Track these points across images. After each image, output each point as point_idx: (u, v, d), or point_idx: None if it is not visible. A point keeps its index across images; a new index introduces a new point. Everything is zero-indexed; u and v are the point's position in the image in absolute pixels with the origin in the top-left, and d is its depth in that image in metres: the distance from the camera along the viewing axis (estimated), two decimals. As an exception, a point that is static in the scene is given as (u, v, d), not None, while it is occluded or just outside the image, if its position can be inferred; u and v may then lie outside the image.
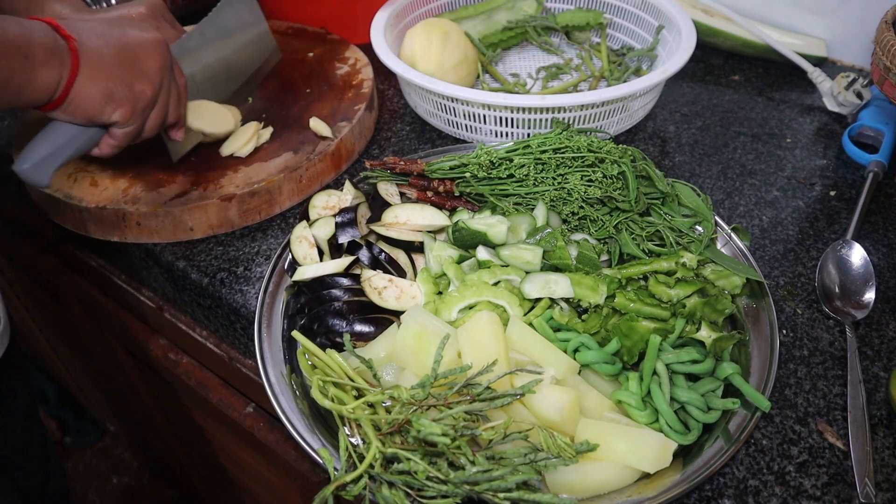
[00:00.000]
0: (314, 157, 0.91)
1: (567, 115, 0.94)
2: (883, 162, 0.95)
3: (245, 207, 0.87)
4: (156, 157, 0.91)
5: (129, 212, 0.85)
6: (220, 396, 1.06)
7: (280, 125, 0.97)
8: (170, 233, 0.87)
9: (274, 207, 0.90)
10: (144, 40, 0.76)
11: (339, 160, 0.95)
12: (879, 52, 0.86)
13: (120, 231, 0.87)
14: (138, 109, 0.76)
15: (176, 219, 0.85)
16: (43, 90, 0.68)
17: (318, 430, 0.64)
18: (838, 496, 0.63)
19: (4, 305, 0.94)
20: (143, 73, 0.76)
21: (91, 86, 0.71)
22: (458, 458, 0.56)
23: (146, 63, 0.76)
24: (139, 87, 0.75)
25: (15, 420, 1.01)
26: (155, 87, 0.77)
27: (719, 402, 0.65)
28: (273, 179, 0.88)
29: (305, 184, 0.91)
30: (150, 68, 0.76)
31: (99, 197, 0.86)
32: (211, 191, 0.87)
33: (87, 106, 0.72)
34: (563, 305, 0.74)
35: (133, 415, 1.69)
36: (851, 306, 0.78)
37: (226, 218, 0.87)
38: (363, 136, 1.00)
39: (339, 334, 0.70)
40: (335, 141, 0.93)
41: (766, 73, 1.18)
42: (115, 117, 0.75)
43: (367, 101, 1.01)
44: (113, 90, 0.73)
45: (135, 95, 0.75)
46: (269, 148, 0.93)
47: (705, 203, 0.81)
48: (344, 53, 1.12)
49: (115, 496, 2.04)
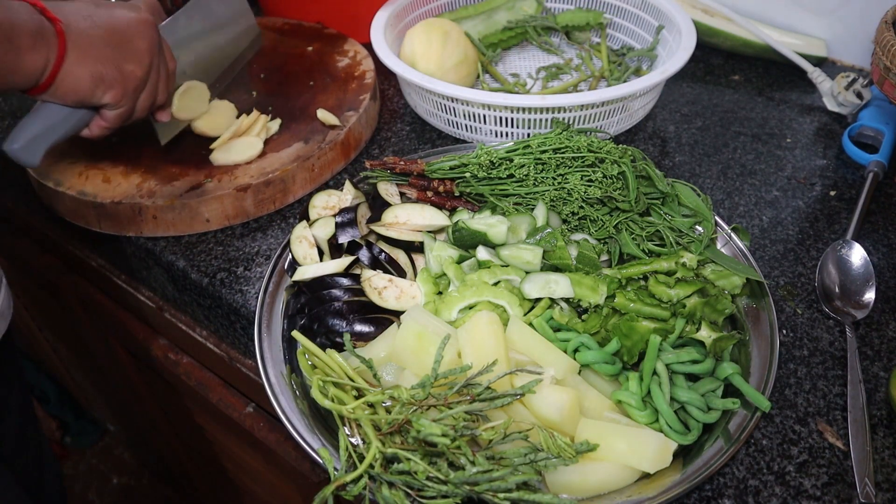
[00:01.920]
0: (325, 146, 0.93)
1: (567, 115, 0.94)
2: (883, 162, 0.95)
3: (260, 197, 0.89)
4: (165, 153, 0.93)
5: (146, 205, 0.86)
6: (220, 396, 1.06)
7: (287, 117, 0.99)
8: (186, 225, 0.87)
9: (288, 196, 0.92)
10: (132, 20, 0.75)
11: (348, 149, 0.97)
12: (879, 52, 0.86)
13: (136, 226, 0.88)
14: (129, 90, 0.75)
15: (192, 210, 0.86)
16: (29, 74, 0.67)
17: (318, 430, 0.64)
18: (838, 496, 0.63)
19: (7, 285, 0.93)
20: (133, 53, 0.74)
21: (79, 68, 0.70)
22: (458, 459, 0.56)
23: (135, 43, 0.74)
24: (129, 68, 0.74)
25: (11, 416, 1.01)
26: (145, 67, 0.76)
27: (719, 402, 0.65)
28: (287, 169, 0.89)
29: (317, 172, 0.93)
30: (139, 48, 0.75)
31: (113, 192, 0.87)
32: (226, 182, 0.88)
33: (76, 89, 0.71)
34: (563, 305, 0.74)
35: (133, 415, 1.69)
36: (851, 306, 0.78)
37: (241, 208, 0.88)
38: (369, 126, 1.03)
39: (339, 334, 0.70)
40: (344, 129, 0.95)
41: (766, 73, 1.18)
42: (105, 99, 0.74)
43: (371, 91, 1.03)
44: (102, 72, 0.72)
45: (125, 77, 0.74)
46: (280, 139, 0.95)
47: (705, 203, 0.81)
48: (343, 46, 1.14)
49: (115, 496, 2.04)
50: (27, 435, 1.06)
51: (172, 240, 0.88)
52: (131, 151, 0.93)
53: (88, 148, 0.94)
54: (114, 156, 0.92)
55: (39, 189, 0.93)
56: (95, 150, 0.93)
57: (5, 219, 1.33)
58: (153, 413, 1.46)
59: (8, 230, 1.35)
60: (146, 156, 0.93)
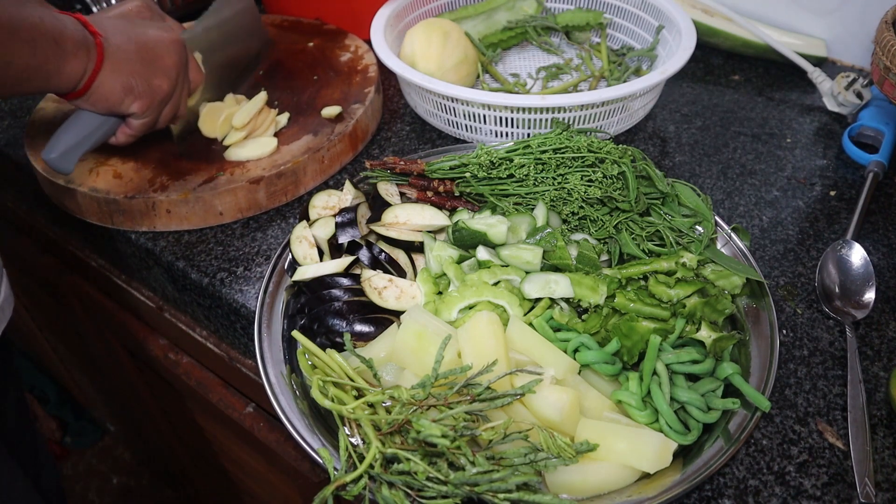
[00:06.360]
0: (334, 138, 0.94)
1: (567, 115, 0.94)
2: (883, 162, 0.95)
3: (272, 189, 0.90)
4: (173, 149, 0.94)
5: (160, 200, 0.86)
6: (220, 396, 1.06)
7: (294, 111, 1.01)
8: (200, 218, 0.89)
9: (299, 188, 0.93)
10: (163, 39, 0.83)
11: (356, 140, 0.99)
12: (879, 52, 0.86)
13: (149, 220, 0.88)
14: (155, 102, 0.83)
15: (206, 204, 0.87)
16: (70, 79, 0.75)
17: (318, 430, 0.64)
18: (838, 496, 0.63)
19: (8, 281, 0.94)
20: (162, 69, 0.82)
21: (113, 78, 0.78)
22: (458, 459, 0.56)
23: (164, 60, 0.82)
24: (157, 83, 0.82)
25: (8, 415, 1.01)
26: (171, 82, 0.84)
27: (719, 402, 0.65)
28: (298, 161, 0.91)
29: (327, 164, 0.95)
30: (167, 65, 0.83)
31: (126, 188, 0.88)
32: (239, 175, 0.89)
33: (108, 97, 0.79)
34: (563, 305, 0.74)
35: (133, 415, 1.69)
36: (851, 306, 0.78)
37: (254, 200, 0.90)
38: (374, 118, 1.04)
39: (339, 334, 0.70)
40: (352, 122, 0.97)
41: (766, 73, 1.18)
42: (133, 109, 0.81)
43: (376, 84, 1.04)
44: (133, 84, 0.79)
45: (153, 90, 0.82)
46: (289, 132, 0.97)
47: (705, 203, 0.81)
48: (344, 41, 1.15)
49: (115, 496, 2.04)
50: (24, 435, 1.06)
51: (172, 239, 0.88)
52: (140, 148, 0.94)
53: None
54: (122, 152, 0.93)
55: (49, 187, 0.93)
56: (104, 147, 0.93)
57: (5, 219, 1.33)
58: (153, 413, 1.46)
59: (8, 230, 1.35)
60: (155, 152, 0.94)
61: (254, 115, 0.95)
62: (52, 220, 1.14)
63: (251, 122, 0.95)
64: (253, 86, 1.06)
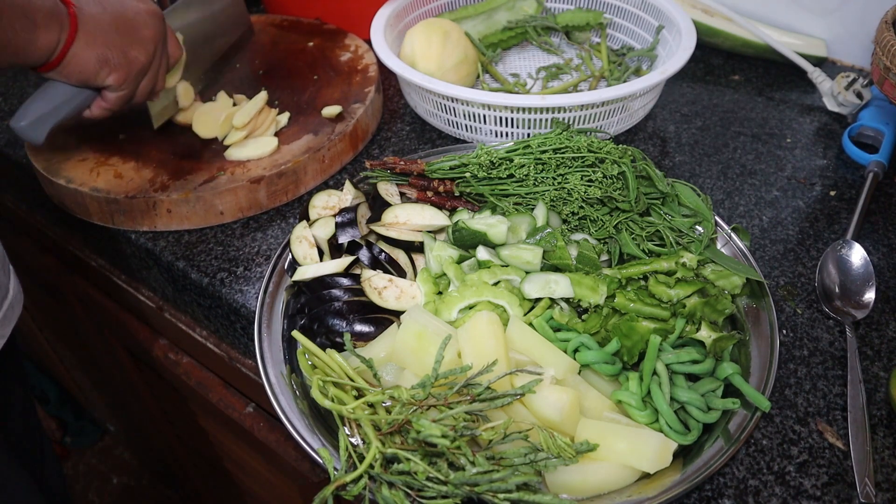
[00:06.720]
0: (335, 138, 0.94)
1: (567, 115, 0.94)
2: (883, 162, 0.95)
3: (273, 189, 0.90)
4: (174, 149, 0.94)
5: (160, 199, 0.86)
6: (220, 396, 1.06)
7: (295, 110, 1.01)
8: (200, 218, 0.89)
9: (300, 188, 0.93)
10: (140, 10, 0.80)
11: (356, 140, 0.99)
12: (879, 52, 0.86)
13: (150, 219, 0.88)
14: (132, 75, 0.80)
15: (207, 203, 0.87)
16: (42, 51, 0.72)
17: (318, 430, 0.64)
18: (838, 496, 0.63)
19: (16, 278, 0.94)
20: (139, 40, 0.79)
21: (87, 50, 0.75)
22: (458, 459, 0.56)
23: (142, 31, 0.79)
24: (133, 54, 0.79)
25: (14, 418, 1.01)
26: (149, 54, 0.81)
27: (719, 402, 0.65)
28: (299, 160, 0.91)
29: (328, 164, 0.95)
30: (145, 36, 0.80)
31: (127, 187, 0.88)
32: (239, 174, 0.89)
33: (82, 69, 0.76)
34: (563, 305, 0.74)
35: (133, 415, 1.69)
36: (851, 306, 0.78)
37: (255, 200, 0.90)
38: (375, 118, 1.04)
39: (339, 334, 0.70)
40: (352, 121, 0.97)
41: (766, 73, 1.18)
42: (108, 81, 0.78)
43: (376, 84, 1.04)
44: (108, 55, 0.76)
45: (129, 62, 0.79)
46: (289, 132, 0.97)
47: (705, 203, 0.81)
48: (344, 41, 1.15)
49: (115, 496, 2.04)
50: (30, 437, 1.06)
51: (173, 239, 0.88)
52: (140, 148, 0.94)
53: (98, 145, 0.94)
54: (123, 152, 0.93)
55: (49, 187, 0.93)
56: (105, 147, 0.94)
57: (5, 219, 1.33)
58: (153, 413, 1.46)
59: (8, 230, 1.35)
60: (155, 152, 0.94)
61: (254, 115, 0.95)
62: (52, 220, 1.14)
63: (252, 121, 0.95)
64: (253, 86, 1.06)
